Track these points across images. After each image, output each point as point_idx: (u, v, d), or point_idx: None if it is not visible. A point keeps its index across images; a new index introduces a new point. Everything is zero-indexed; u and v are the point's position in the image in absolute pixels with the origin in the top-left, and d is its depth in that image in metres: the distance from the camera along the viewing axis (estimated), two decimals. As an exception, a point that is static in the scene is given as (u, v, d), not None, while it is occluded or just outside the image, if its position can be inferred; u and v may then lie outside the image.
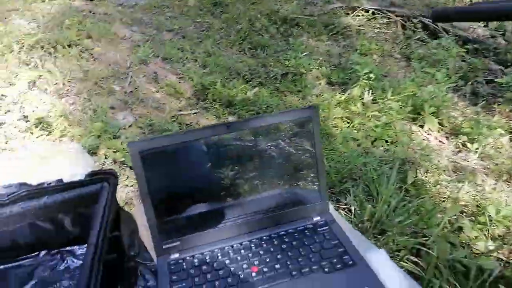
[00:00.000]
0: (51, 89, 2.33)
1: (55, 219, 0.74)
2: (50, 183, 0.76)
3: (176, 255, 0.70)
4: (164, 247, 0.70)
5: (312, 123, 0.70)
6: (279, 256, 0.68)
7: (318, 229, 0.72)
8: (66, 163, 0.85)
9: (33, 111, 2.10)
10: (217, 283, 0.64)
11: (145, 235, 0.75)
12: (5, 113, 2.11)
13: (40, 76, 2.37)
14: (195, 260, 0.69)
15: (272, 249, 0.69)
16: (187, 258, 0.69)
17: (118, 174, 1.94)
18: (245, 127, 0.68)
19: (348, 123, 2.57)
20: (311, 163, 0.73)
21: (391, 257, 0.68)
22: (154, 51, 2.96)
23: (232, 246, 0.71)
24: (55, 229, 0.74)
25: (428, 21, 3.91)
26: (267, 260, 0.67)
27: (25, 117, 2.08)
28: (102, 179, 0.74)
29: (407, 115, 2.60)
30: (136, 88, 2.59)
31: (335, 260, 0.66)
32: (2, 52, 2.41)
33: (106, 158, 2.00)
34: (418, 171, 2.20)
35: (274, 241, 0.71)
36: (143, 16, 3.54)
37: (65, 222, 0.75)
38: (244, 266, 0.67)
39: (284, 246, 0.70)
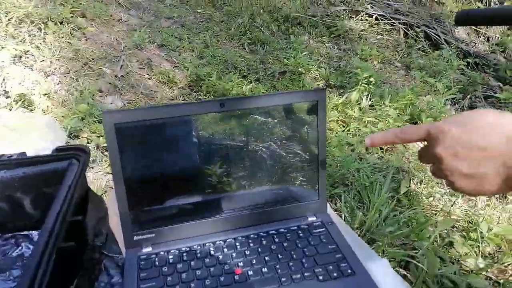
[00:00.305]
0: (37, 66, 2.21)
1: (12, 198, 0.64)
2: (10, 156, 0.66)
3: (149, 249, 0.61)
4: (135, 238, 0.61)
5: (318, 108, 0.61)
6: (267, 258, 0.59)
7: (314, 231, 0.64)
8: (35, 135, 0.75)
9: (13, 87, 1.98)
10: (192, 284, 0.55)
11: (117, 225, 0.66)
12: (-15, 86, 1.99)
13: (27, 51, 2.25)
14: (170, 257, 0.59)
15: (259, 250, 0.61)
16: (161, 253, 0.60)
17: (101, 160, 1.83)
18: (241, 106, 0.59)
19: (344, 127, 2.50)
20: (312, 155, 0.64)
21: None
22: (150, 37, 2.86)
23: (214, 243, 0.62)
24: (12, 210, 0.64)
25: (430, 31, 3.87)
26: (253, 262, 0.58)
27: (6, 92, 1.96)
28: (71, 155, 0.65)
29: (404, 123, 2.54)
30: (127, 73, 2.48)
31: (331, 267, 0.57)
32: (-12, 23, 2.28)
33: (88, 142, 1.90)
34: (411, 181, 2.14)
35: (262, 241, 0.62)
36: (142, 1, 3.43)
37: (24, 202, 0.65)
38: (226, 267, 0.57)
39: (273, 247, 0.61)
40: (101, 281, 0.57)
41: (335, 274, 0.56)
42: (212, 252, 0.60)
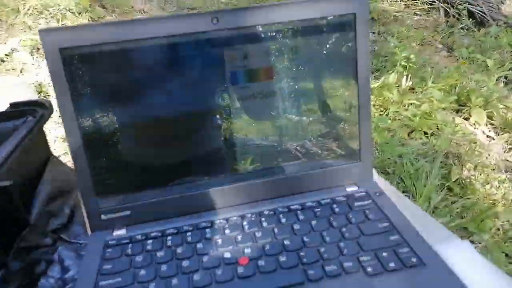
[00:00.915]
0: (54, 57, 2.12)
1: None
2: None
3: (121, 232, 0.44)
4: (103, 217, 0.43)
5: (356, 26, 0.42)
6: (287, 242, 0.40)
7: (355, 204, 0.44)
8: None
9: (30, 77, 1.89)
10: (174, 281, 0.37)
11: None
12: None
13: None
14: (149, 242, 0.42)
15: (276, 231, 0.42)
16: (138, 237, 0.43)
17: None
18: (243, 22, 0.41)
19: (382, 111, 2.27)
20: (348, 97, 0.45)
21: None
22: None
23: (212, 223, 0.43)
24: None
25: (474, 8, 3.53)
26: (267, 247, 0.40)
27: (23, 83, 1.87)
28: (25, 111, 0.49)
29: (450, 105, 2.27)
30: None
31: (385, 255, 0.37)
32: (7, 14, 2.23)
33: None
34: (463, 167, 1.87)
35: (281, 219, 0.43)
36: (164, -8, 3.32)
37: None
38: (227, 255, 0.39)
39: (297, 227, 0.42)
40: (50, 276, 0.40)
41: (392, 265, 0.36)
42: (209, 235, 0.42)
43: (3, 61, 1.96)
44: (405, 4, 3.63)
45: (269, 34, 0.42)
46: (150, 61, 0.41)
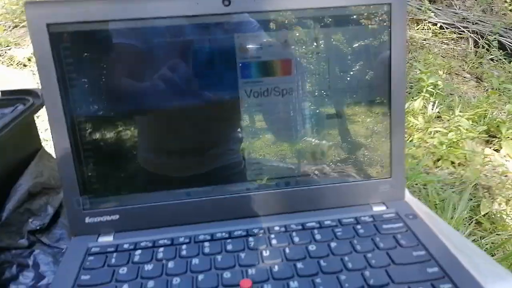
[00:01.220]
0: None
1: None
2: None
3: (108, 239, 0.38)
4: (88, 220, 0.38)
5: (392, 18, 0.36)
6: (300, 266, 0.33)
7: (384, 226, 0.37)
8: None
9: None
10: (159, 301, 0.30)
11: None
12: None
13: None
14: (137, 252, 0.36)
15: (287, 251, 0.35)
16: (125, 245, 0.37)
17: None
18: (260, 7, 0.35)
19: (406, 137, 2.18)
20: (379, 100, 0.38)
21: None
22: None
23: (212, 236, 0.37)
24: None
25: (505, 40, 3.43)
26: (275, 270, 0.33)
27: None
28: (15, 100, 0.44)
29: (479, 136, 2.16)
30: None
31: (422, 291, 0.30)
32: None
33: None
34: (494, 201, 1.76)
35: (293, 237, 0.37)
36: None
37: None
38: (226, 275, 0.33)
39: (312, 248, 0.35)
40: (21, 282, 0.34)
41: (432, 304, 0.29)
42: (207, 250, 0.35)
43: (25, 65, 1.98)
44: (432, 32, 3.57)
45: (287, 21, 0.37)
46: (148, 46, 0.36)
